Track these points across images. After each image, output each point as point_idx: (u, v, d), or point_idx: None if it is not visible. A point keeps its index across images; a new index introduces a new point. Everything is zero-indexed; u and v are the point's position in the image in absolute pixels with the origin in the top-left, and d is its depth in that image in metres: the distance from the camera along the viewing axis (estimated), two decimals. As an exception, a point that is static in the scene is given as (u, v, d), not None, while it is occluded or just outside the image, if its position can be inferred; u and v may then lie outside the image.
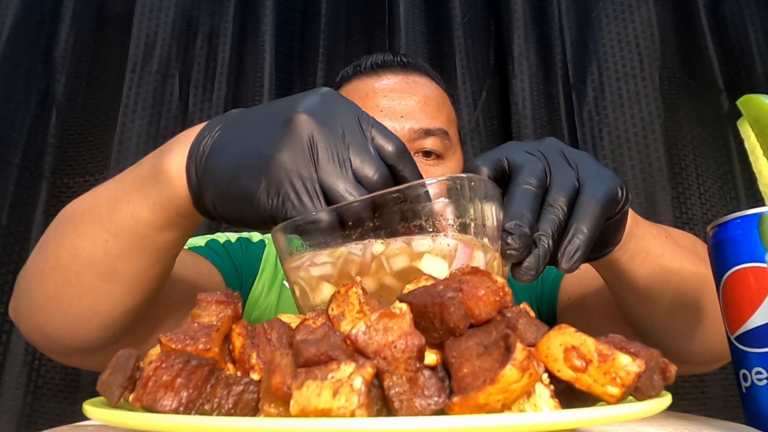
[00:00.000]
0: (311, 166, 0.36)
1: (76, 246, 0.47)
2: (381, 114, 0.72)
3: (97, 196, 0.49)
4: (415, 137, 0.72)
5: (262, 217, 0.37)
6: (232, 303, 0.35)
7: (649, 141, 1.13)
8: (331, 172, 0.36)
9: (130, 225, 0.44)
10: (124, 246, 0.45)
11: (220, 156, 0.39)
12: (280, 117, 0.37)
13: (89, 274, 0.47)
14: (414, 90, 0.76)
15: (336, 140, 0.36)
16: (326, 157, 0.36)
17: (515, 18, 1.16)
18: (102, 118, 1.15)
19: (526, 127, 1.11)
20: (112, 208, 0.45)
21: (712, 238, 0.43)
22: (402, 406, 0.27)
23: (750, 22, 1.17)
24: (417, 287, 0.33)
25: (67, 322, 0.49)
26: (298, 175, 0.35)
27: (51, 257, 0.49)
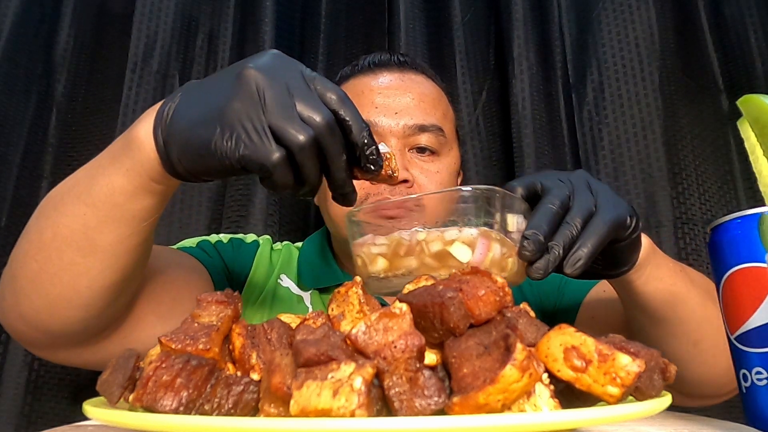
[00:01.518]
0: (259, 109, 0.40)
1: (57, 224, 0.49)
2: (376, 110, 0.73)
3: (76, 176, 0.51)
4: (409, 133, 0.73)
5: (220, 161, 0.40)
6: (232, 303, 0.35)
7: (648, 141, 1.13)
8: (277, 114, 0.40)
9: (106, 195, 0.47)
10: (101, 216, 0.47)
11: (180, 115, 0.43)
12: (231, 73, 0.42)
13: (69, 250, 0.48)
14: (409, 87, 0.77)
15: (281, 88, 0.41)
16: (273, 102, 0.40)
17: (515, 18, 1.16)
18: (102, 117, 1.15)
19: (526, 128, 1.11)
20: (89, 183, 0.48)
21: (712, 238, 0.43)
22: (402, 406, 0.27)
23: (750, 23, 1.17)
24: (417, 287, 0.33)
25: (49, 303, 0.50)
26: (248, 117, 0.40)
27: (34, 239, 0.51)
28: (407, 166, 0.72)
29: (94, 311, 0.51)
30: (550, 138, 1.15)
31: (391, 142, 0.73)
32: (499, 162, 1.16)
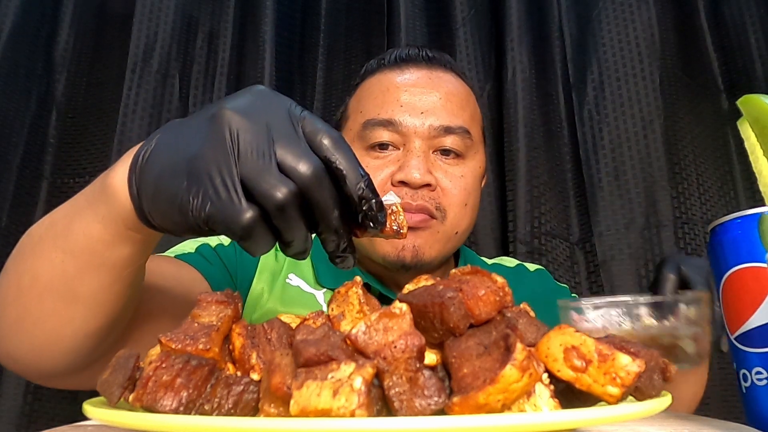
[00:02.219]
0: (231, 159, 0.33)
1: (35, 269, 0.46)
2: (401, 109, 0.71)
3: (53, 217, 0.48)
4: (435, 134, 0.71)
5: (186, 218, 0.35)
6: (232, 303, 0.35)
7: (649, 141, 1.13)
8: (252, 165, 0.33)
9: (83, 243, 0.43)
10: (80, 265, 0.44)
11: (152, 162, 0.38)
12: (206, 115, 0.36)
13: (50, 298, 0.46)
14: (437, 85, 0.74)
15: (259, 132, 0.34)
16: (247, 149, 0.34)
17: (515, 18, 1.16)
18: (102, 118, 1.15)
19: (518, 131, 1.11)
20: (67, 228, 0.45)
21: (712, 238, 0.43)
22: (402, 406, 0.27)
23: (750, 23, 1.17)
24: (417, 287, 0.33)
25: (34, 347, 0.48)
26: (217, 169, 0.33)
27: (13, 283, 0.48)
28: (431, 168, 0.70)
29: (83, 353, 0.49)
30: (546, 139, 1.15)
31: (415, 143, 0.70)
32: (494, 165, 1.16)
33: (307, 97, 1.22)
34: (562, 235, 1.12)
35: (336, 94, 1.22)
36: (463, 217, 0.73)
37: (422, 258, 0.70)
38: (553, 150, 1.16)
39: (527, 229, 1.07)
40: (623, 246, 1.10)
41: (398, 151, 0.71)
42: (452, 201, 0.72)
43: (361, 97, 0.77)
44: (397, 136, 0.71)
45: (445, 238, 0.72)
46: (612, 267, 1.09)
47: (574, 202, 1.16)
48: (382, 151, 0.72)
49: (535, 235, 1.08)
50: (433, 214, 0.70)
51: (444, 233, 0.72)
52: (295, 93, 1.20)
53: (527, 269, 0.90)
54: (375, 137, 0.71)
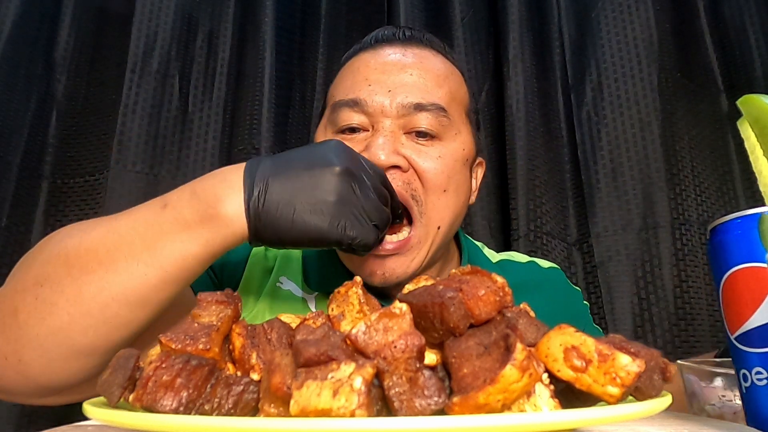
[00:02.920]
0: (358, 202, 0.51)
1: (105, 280, 0.49)
2: (369, 88, 0.66)
3: (119, 234, 0.51)
4: (404, 113, 0.65)
5: (330, 243, 0.51)
6: (232, 303, 0.35)
7: (647, 142, 1.13)
8: (370, 206, 0.52)
9: (177, 260, 0.50)
10: (166, 278, 0.50)
11: (281, 206, 0.50)
12: (325, 170, 0.51)
13: (115, 305, 0.49)
14: (411, 64, 0.68)
15: (364, 181, 0.53)
16: (365, 195, 0.52)
17: (513, 19, 1.16)
18: (102, 118, 1.15)
19: (520, 130, 1.11)
20: (153, 246, 0.50)
21: (712, 239, 0.43)
22: (402, 406, 0.27)
23: (749, 23, 1.18)
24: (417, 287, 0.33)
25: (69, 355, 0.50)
26: (351, 210, 0.51)
27: (69, 291, 0.49)
28: (399, 149, 0.64)
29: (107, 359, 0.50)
30: (546, 140, 1.15)
31: (384, 122, 0.64)
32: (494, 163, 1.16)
33: (307, 97, 1.22)
34: (560, 236, 1.12)
35: (336, 95, 1.22)
36: (445, 206, 0.66)
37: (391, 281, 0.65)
38: (552, 150, 1.16)
39: (530, 228, 1.07)
40: (620, 247, 1.10)
41: (367, 133, 0.66)
42: (429, 186, 0.65)
43: (336, 83, 0.73)
44: (364, 117, 0.66)
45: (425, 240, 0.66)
46: (609, 268, 1.09)
47: (572, 203, 1.16)
48: (352, 133, 0.67)
49: (537, 234, 1.08)
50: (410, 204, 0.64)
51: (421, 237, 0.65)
52: (295, 93, 1.20)
53: (539, 266, 0.85)
54: (343, 119, 0.66)
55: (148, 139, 1.11)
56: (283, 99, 1.16)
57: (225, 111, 1.16)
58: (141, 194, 1.08)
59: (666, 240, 1.09)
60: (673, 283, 1.07)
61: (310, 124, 1.21)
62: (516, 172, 1.09)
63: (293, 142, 1.17)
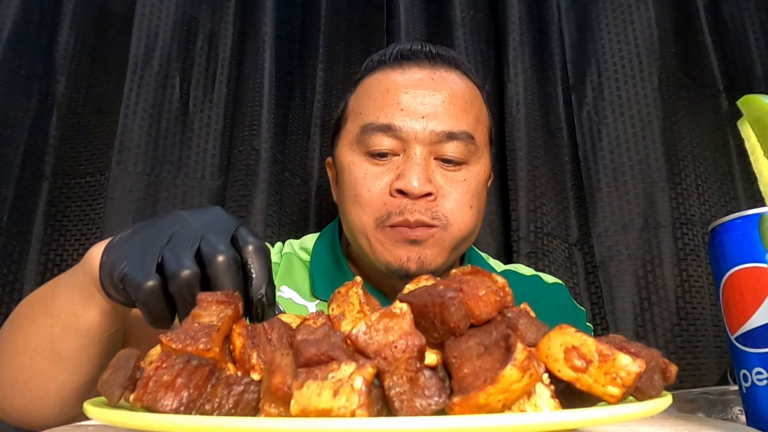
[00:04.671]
0: (162, 241, 0.43)
1: (29, 334, 0.53)
2: (401, 113, 0.67)
3: (47, 287, 0.56)
4: (436, 140, 0.68)
5: (112, 281, 0.44)
6: (232, 303, 0.35)
7: (648, 142, 1.13)
8: (173, 246, 0.43)
9: (65, 306, 0.51)
10: (62, 326, 0.51)
11: (117, 240, 0.47)
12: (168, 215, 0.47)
13: (38, 358, 0.52)
14: (440, 86, 0.70)
15: (195, 228, 0.44)
16: (179, 238, 0.43)
17: (514, 19, 1.16)
18: (103, 118, 1.15)
19: (520, 130, 1.11)
20: (54, 294, 0.52)
21: (712, 239, 0.43)
22: (402, 406, 0.27)
23: (749, 23, 1.17)
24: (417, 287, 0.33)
25: (26, 403, 0.55)
26: (147, 245, 0.43)
27: (9, 347, 0.55)
28: (431, 177, 0.67)
29: (68, 407, 0.55)
30: (546, 140, 1.15)
31: (416, 149, 0.67)
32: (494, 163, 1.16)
33: (307, 97, 1.22)
34: (561, 236, 1.12)
35: (336, 94, 1.22)
36: (469, 221, 0.70)
37: (427, 268, 0.68)
38: (553, 151, 1.16)
39: (530, 229, 1.07)
40: (621, 247, 1.10)
41: (398, 158, 0.69)
42: (455, 206, 0.69)
43: (360, 97, 0.74)
44: (396, 141, 0.68)
45: (452, 245, 0.70)
46: (610, 268, 1.09)
47: (573, 203, 1.16)
48: (382, 158, 0.69)
49: (538, 235, 1.08)
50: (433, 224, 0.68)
51: (450, 240, 0.69)
52: (295, 93, 1.20)
53: (543, 281, 0.86)
54: (374, 144, 0.68)
55: (149, 140, 1.11)
56: (283, 99, 1.16)
57: (225, 112, 1.16)
58: (142, 195, 1.08)
59: (667, 240, 1.09)
60: (675, 283, 1.07)
61: (311, 124, 1.21)
62: (517, 173, 1.09)
63: (293, 142, 1.17)
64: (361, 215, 0.69)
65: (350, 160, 0.71)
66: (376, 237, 0.68)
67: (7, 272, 1.01)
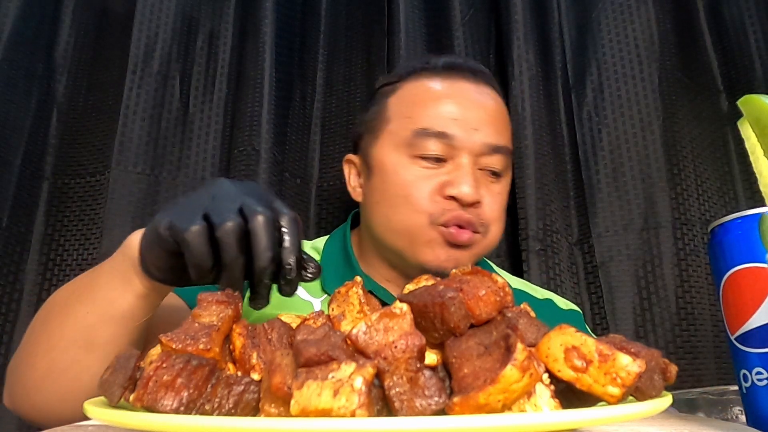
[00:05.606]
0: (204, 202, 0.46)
1: (64, 324, 0.54)
2: (454, 123, 0.72)
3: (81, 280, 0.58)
4: (484, 152, 0.72)
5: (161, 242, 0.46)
6: (232, 303, 0.35)
7: (647, 142, 1.13)
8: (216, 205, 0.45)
9: (103, 294, 0.52)
10: (99, 314, 0.53)
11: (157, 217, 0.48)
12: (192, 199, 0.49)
13: (73, 348, 0.54)
14: (485, 103, 0.75)
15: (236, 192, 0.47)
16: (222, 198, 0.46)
17: (515, 19, 1.16)
18: (103, 119, 1.15)
19: (525, 129, 1.11)
20: (92, 282, 0.54)
21: (712, 239, 0.43)
22: (402, 406, 0.27)
23: (749, 23, 1.17)
24: (417, 287, 0.33)
25: (59, 396, 0.55)
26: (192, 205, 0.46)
27: (43, 339, 0.56)
28: (479, 186, 0.72)
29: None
30: (551, 139, 1.15)
31: (465, 158, 0.72)
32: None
33: (307, 97, 1.22)
34: (564, 235, 1.12)
35: (336, 94, 1.22)
36: (500, 231, 0.76)
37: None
38: (554, 150, 1.16)
39: (539, 227, 1.07)
40: (621, 247, 1.10)
41: (446, 163, 0.72)
42: (492, 217, 0.74)
43: (406, 101, 0.76)
44: (448, 149, 0.72)
45: (483, 252, 0.76)
46: (610, 268, 1.09)
47: (573, 203, 1.16)
48: (433, 163, 0.73)
49: (547, 233, 1.08)
50: (478, 230, 0.72)
51: (484, 247, 0.75)
52: (295, 93, 1.20)
53: (557, 306, 0.87)
54: (427, 148, 0.72)
55: (149, 140, 1.11)
56: (283, 99, 1.16)
57: (225, 112, 1.16)
58: (142, 195, 1.08)
59: (667, 240, 1.09)
60: (675, 283, 1.07)
61: (311, 124, 1.21)
62: (524, 171, 1.09)
63: (293, 143, 1.17)
64: (411, 214, 0.71)
65: (396, 161, 0.73)
66: (427, 234, 0.71)
67: (7, 272, 1.01)
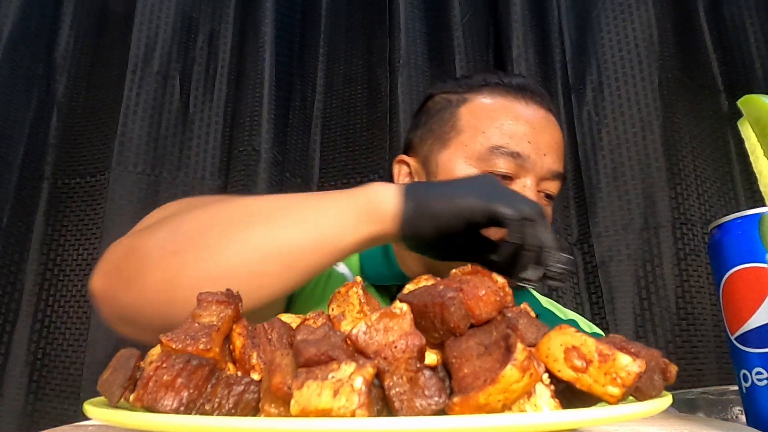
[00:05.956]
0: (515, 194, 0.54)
1: (268, 236, 0.54)
2: (529, 145, 0.74)
3: (290, 200, 0.58)
4: (547, 177, 0.75)
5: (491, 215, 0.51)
6: (232, 303, 0.35)
7: (647, 141, 1.13)
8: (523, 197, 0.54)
9: (332, 223, 0.54)
10: (318, 240, 0.54)
11: (441, 195, 0.53)
12: (479, 180, 0.58)
13: (272, 261, 0.53)
14: (552, 130, 0.78)
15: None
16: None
17: (514, 19, 1.16)
18: (103, 119, 1.15)
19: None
20: (311, 211, 0.55)
21: (712, 239, 0.43)
22: (402, 406, 0.27)
23: (749, 23, 1.18)
24: (417, 287, 0.33)
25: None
26: (507, 191, 0.54)
27: (235, 238, 0.54)
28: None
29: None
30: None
31: (530, 180, 0.74)
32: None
33: (308, 97, 1.22)
34: (564, 236, 1.12)
35: (336, 95, 1.22)
36: None
37: None
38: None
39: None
40: (621, 247, 1.10)
41: (512, 182, 0.75)
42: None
43: (480, 115, 0.78)
44: (517, 168, 0.74)
45: None
46: (610, 268, 1.09)
47: (573, 203, 1.16)
48: (499, 179, 0.74)
49: (556, 231, 1.08)
50: None
51: None
52: (295, 94, 1.20)
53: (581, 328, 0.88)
54: (500, 166, 0.74)
55: (149, 140, 1.11)
56: (283, 100, 1.16)
57: (225, 112, 1.16)
58: (142, 195, 1.08)
59: (667, 240, 1.09)
60: (675, 283, 1.07)
61: (311, 124, 1.21)
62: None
63: (293, 143, 1.17)
64: None
65: (466, 173, 0.76)
66: None
67: (8, 272, 1.01)
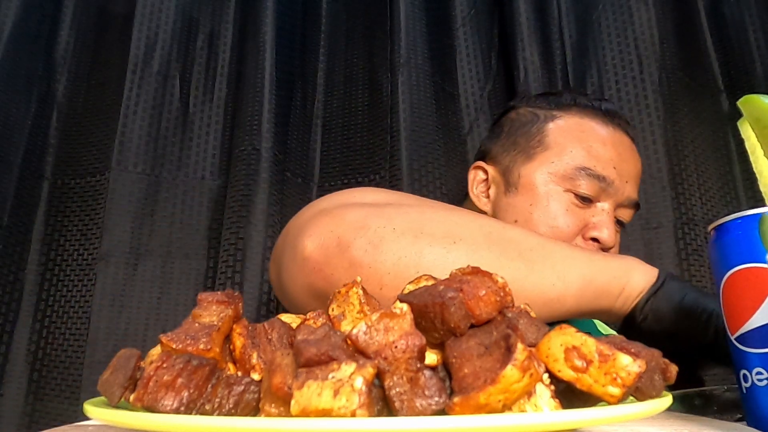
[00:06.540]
0: None
1: (519, 274, 0.52)
2: (614, 171, 0.75)
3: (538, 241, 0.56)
4: (625, 204, 0.76)
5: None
6: (232, 303, 0.35)
7: (648, 142, 1.13)
8: None
9: (579, 283, 0.53)
10: (552, 296, 0.52)
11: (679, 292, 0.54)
12: None
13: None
14: (636, 159, 0.79)
15: None
16: None
17: (516, 20, 1.16)
18: (103, 118, 1.15)
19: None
20: (581, 267, 0.54)
21: (712, 239, 0.43)
22: (403, 406, 0.27)
23: (750, 23, 1.17)
24: (418, 287, 0.33)
25: None
26: None
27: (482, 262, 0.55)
28: (615, 233, 0.76)
29: None
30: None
31: (608, 205, 0.75)
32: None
33: (308, 96, 1.22)
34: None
35: (337, 96, 1.22)
36: None
37: None
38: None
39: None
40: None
41: (592, 204, 0.75)
42: None
43: (569, 135, 0.78)
44: (599, 192, 0.74)
45: None
46: (612, 268, 1.09)
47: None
48: (580, 200, 0.75)
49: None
50: None
51: None
52: (295, 94, 1.20)
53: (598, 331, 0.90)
54: (585, 187, 0.74)
55: (149, 140, 1.11)
56: (284, 99, 1.16)
57: (226, 112, 1.16)
58: (142, 195, 1.08)
59: (669, 240, 1.09)
60: (675, 283, 1.07)
61: (312, 124, 1.21)
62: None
63: (294, 142, 1.17)
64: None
65: (550, 188, 0.76)
66: None
67: (8, 272, 1.01)
